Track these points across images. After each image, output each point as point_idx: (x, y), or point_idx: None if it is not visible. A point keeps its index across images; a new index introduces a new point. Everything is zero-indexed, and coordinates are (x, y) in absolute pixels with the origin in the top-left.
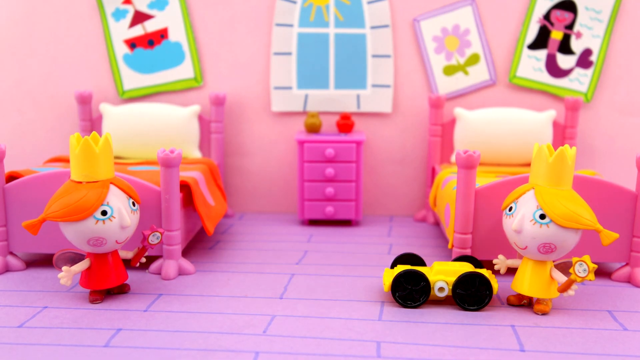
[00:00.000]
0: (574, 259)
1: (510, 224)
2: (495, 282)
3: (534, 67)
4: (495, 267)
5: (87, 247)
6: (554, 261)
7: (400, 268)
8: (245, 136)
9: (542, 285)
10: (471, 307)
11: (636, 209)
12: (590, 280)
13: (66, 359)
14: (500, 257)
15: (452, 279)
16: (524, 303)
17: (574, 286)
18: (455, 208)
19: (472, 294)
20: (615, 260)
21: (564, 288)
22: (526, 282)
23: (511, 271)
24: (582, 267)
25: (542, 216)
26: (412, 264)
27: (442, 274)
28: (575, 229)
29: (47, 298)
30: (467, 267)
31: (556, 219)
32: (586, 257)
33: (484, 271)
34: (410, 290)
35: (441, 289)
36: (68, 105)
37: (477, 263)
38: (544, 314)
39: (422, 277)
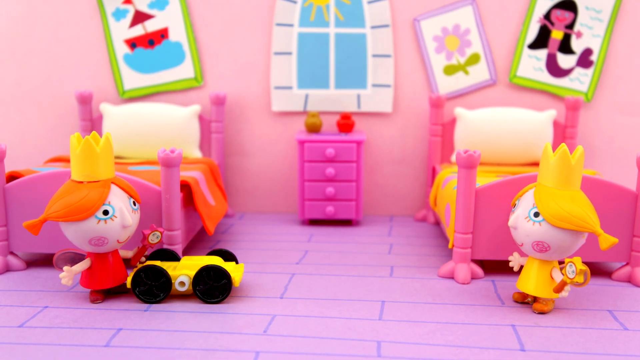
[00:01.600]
0: (567, 260)
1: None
2: (237, 275)
3: (534, 67)
4: (510, 264)
5: (88, 247)
6: (563, 261)
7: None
8: (246, 136)
9: (545, 285)
10: (212, 300)
11: (636, 208)
12: (578, 282)
13: (66, 359)
14: (515, 254)
15: (193, 272)
16: (528, 301)
17: (567, 287)
18: (456, 208)
19: (211, 287)
20: (616, 260)
21: (557, 289)
22: (530, 281)
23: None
24: (572, 269)
25: (536, 214)
26: (163, 260)
27: (185, 268)
28: (571, 230)
29: (47, 298)
30: (213, 261)
31: (548, 217)
32: (576, 259)
33: (228, 264)
34: (150, 286)
35: (182, 284)
36: (68, 105)
37: (231, 257)
38: (541, 312)
39: (163, 273)
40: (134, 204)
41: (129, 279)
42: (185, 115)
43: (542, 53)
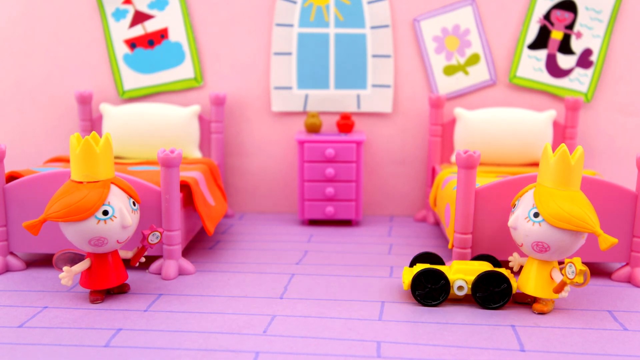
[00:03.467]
0: (566, 261)
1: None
2: (514, 281)
3: (534, 67)
4: (509, 265)
5: (88, 247)
6: (563, 261)
7: (420, 267)
8: (245, 136)
9: (545, 285)
10: (489, 306)
11: (636, 209)
12: (578, 282)
13: (66, 359)
14: (515, 254)
15: (472, 277)
16: (529, 301)
17: (567, 288)
18: (456, 208)
19: (491, 293)
20: (616, 260)
21: (557, 289)
22: (530, 282)
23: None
24: (571, 269)
25: (536, 214)
26: (430, 263)
27: (461, 272)
28: (570, 231)
29: (47, 298)
30: (486, 266)
31: (548, 218)
32: (576, 259)
33: (503, 270)
34: (430, 289)
35: (460, 288)
36: (68, 105)
37: (496, 262)
38: (541, 313)
39: (442, 276)
40: (134, 204)
41: (407, 282)
42: (185, 115)
43: (542, 53)
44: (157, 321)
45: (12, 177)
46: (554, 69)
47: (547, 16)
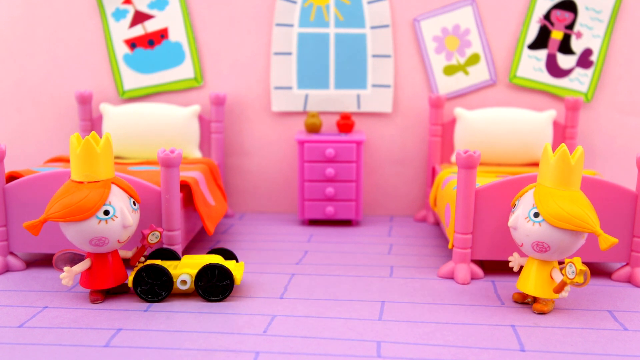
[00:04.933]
0: (567, 260)
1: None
2: (238, 273)
3: (534, 67)
4: (510, 265)
5: (88, 247)
6: (562, 261)
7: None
8: (245, 136)
9: (545, 285)
10: (214, 298)
11: (636, 209)
12: (578, 282)
13: (66, 359)
14: (515, 254)
15: (195, 271)
16: (528, 301)
17: (567, 288)
18: (456, 208)
19: (214, 285)
20: (616, 260)
21: (557, 289)
22: (530, 282)
23: (507, 269)
24: (572, 269)
25: (536, 214)
26: (163, 259)
27: (187, 267)
28: (571, 231)
29: (47, 298)
30: (214, 259)
31: (548, 218)
32: (576, 259)
33: (229, 263)
34: (151, 285)
35: (183, 282)
36: (68, 105)
37: (230, 255)
38: (541, 313)
39: (164, 272)
40: (134, 204)
41: (130, 278)
42: (185, 115)
43: (542, 53)
44: (157, 321)
45: (12, 177)
46: (554, 69)
47: (547, 16)
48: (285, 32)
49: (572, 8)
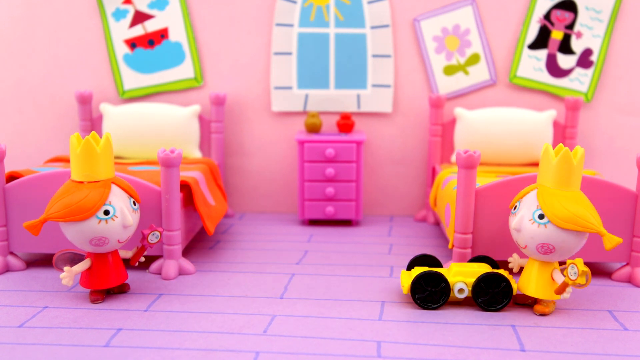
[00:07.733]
0: (568, 261)
1: (512, 222)
2: (514, 282)
3: (534, 67)
4: (509, 266)
5: (88, 247)
6: (564, 262)
7: (418, 270)
8: (245, 136)
9: (546, 287)
10: (491, 308)
11: (636, 209)
12: (580, 283)
13: (66, 359)
14: (515, 255)
15: (472, 279)
16: (530, 302)
17: (569, 289)
18: (456, 208)
19: (493, 294)
20: (616, 260)
21: (559, 290)
22: (531, 283)
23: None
24: (573, 270)
25: (541, 216)
26: (429, 265)
27: (461, 275)
28: (575, 231)
29: (47, 298)
30: (485, 268)
31: (554, 219)
32: (578, 260)
33: (502, 271)
34: (430, 292)
35: (461, 290)
36: (68, 105)
37: (494, 263)
38: (542, 314)
39: (442, 279)
40: (134, 204)
41: (406, 285)
42: (185, 115)
43: (542, 53)
44: (157, 321)
45: (12, 177)
46: (554, 68)
47: (547, 16)
48: (285, 32)
49: (572, 8)
